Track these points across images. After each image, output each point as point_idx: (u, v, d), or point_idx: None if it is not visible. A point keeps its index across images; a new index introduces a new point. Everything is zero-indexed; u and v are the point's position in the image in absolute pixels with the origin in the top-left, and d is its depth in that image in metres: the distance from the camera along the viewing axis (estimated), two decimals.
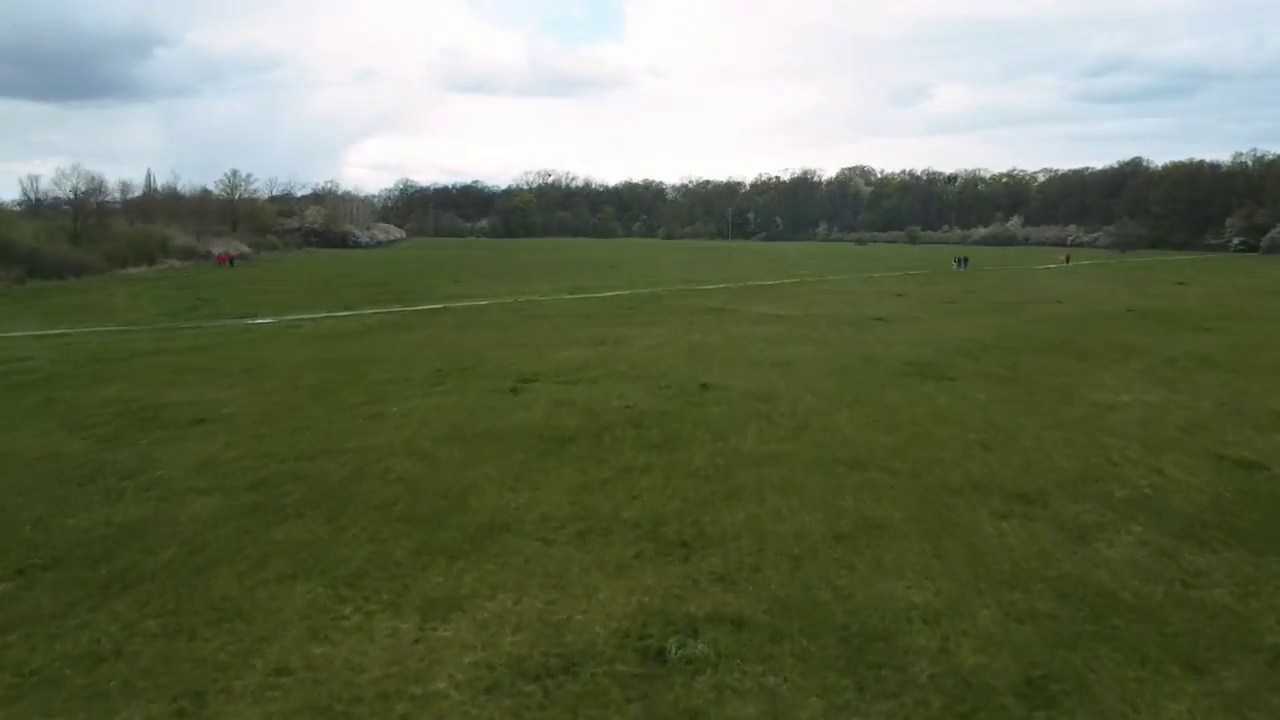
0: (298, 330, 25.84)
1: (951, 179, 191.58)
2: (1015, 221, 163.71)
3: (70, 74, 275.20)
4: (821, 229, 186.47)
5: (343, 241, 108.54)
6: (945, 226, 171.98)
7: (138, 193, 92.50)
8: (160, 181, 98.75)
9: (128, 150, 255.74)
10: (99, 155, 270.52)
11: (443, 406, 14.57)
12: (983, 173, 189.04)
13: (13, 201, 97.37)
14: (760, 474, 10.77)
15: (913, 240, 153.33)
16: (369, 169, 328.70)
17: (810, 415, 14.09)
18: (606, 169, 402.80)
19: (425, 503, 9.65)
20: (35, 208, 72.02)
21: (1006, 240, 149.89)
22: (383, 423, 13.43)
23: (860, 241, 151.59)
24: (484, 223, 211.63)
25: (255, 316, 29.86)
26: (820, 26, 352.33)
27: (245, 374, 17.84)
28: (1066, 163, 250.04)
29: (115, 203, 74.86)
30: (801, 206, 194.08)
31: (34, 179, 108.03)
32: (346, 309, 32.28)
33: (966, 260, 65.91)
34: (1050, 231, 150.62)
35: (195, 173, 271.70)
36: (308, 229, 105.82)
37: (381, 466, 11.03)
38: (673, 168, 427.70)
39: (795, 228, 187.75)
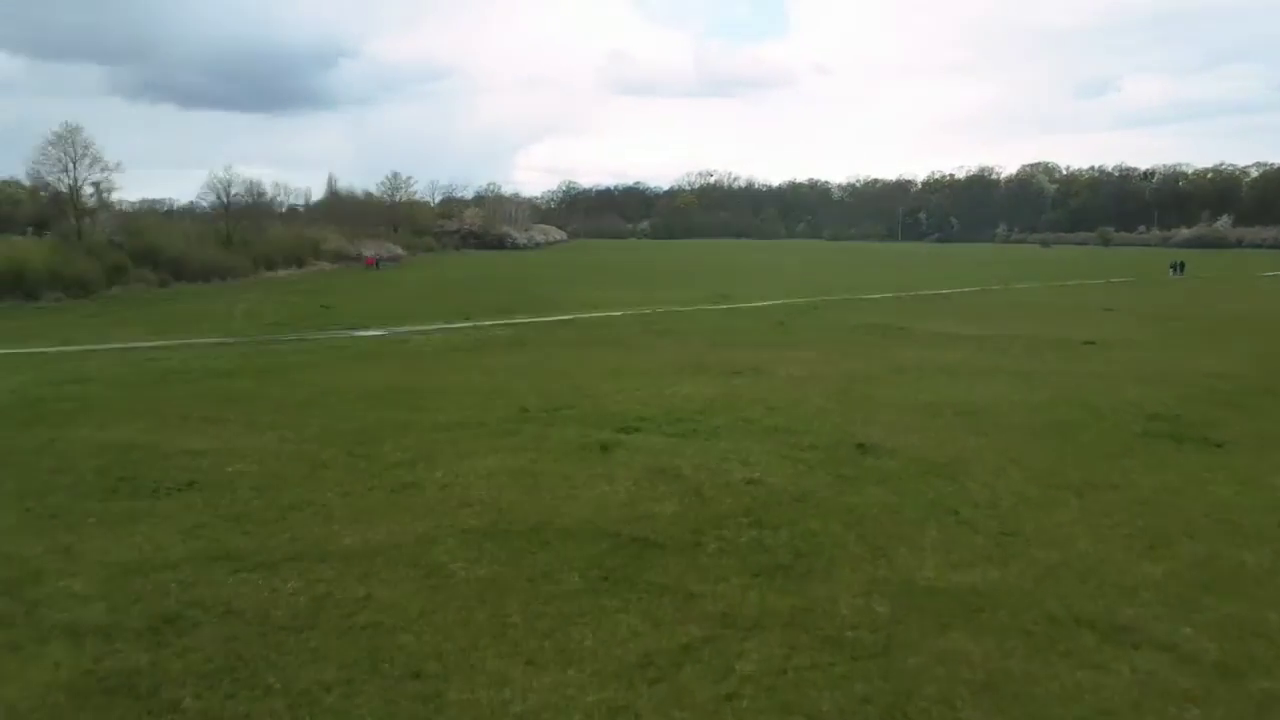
0: (400, 346, 22.98)
1: (1148, 175, 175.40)
2: (1225, 221, 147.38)
3: (268, 86, 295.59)
4: (1000, 230, 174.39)
5: (500, 243, 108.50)
6: (1141, 227, 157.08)
7: (319, 196, 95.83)
8: (339, 185, 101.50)
9: (317, 156, 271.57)
10: (292, 161, 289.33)
11: (502, 473, 10.84)
12: (1184, 168, 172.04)
13: (210, 205, 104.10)
14: (948, 648, 6.41)
15: (1105, 242, 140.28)
16: (538, 172, 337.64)
17: (1020, 509, 9.52)
18: (770, 169, 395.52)
19: (380, 686, 5.86)
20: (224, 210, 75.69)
21: (1215, 242, 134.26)
22: (410, 500, 9.82)
23: (1045, 244, 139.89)
24: (645, 224, 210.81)
25: (367, 328, 27.38)
26: (994, 18, 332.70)
27: (296, 409, 14.76)
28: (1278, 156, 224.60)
29: (293, 207, 76.82)
30: (978, 206, 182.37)
31: (225, 184, 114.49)
32: (466, 319, 29.42)
33: (1183, 265, 57.30)
34: (1268, 233, 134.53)
35: (375, 178, 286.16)
36: (466, 231, 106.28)
37: (361, 593, 7.34)
38: (839, 167, 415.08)
39: (971, 228, 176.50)
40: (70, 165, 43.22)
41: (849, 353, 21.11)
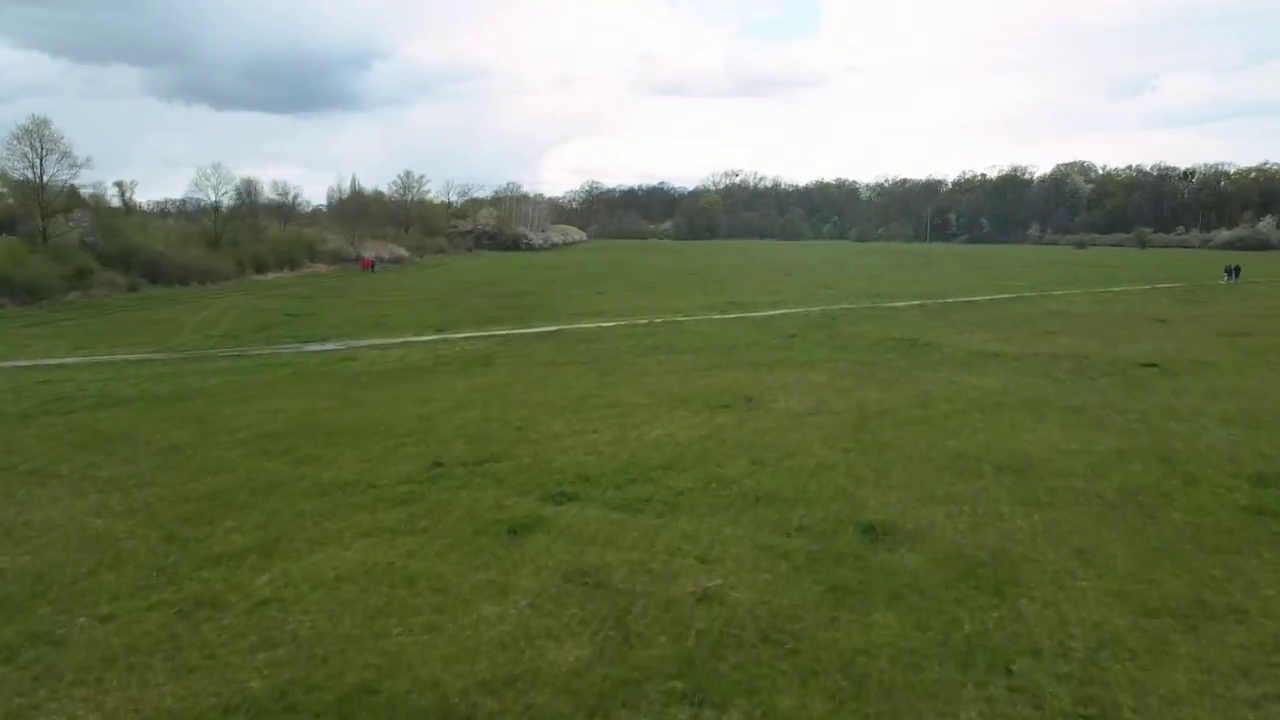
0: (344, 366, 19.93)
1: (1188, 174, 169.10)
2: (1268, 222, 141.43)
3: (302, 88, 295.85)
4: (1033, 231, 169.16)
5: (515, 244, 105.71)
6: (1180, 228, 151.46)
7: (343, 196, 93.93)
8: (361, 185, 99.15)
9: (349, 157, 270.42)
10: (325, 162, 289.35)
11: (353, 578, 7.65)
12: (1226, 167, 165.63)
13: (228, 206, 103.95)
14: None
15: (1142, 244, 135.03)
16: (567, 173, 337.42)
17: (1104, 658, 6.24)
18: (798, 170, 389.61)
19: None
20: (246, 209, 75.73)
21: (1259, 244, 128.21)
22: (194, 633, 6.64)
23: (1080, 245, 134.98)
24: (668, 224, 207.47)
25: (324, 341, 24.42)
26: (1028, 17, 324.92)
27: (157, 457, 11.72)
28: None
29: (317, 207, 74.75)
30: (1010, 206, 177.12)
31: (249, 183, 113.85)
32: (439, 332, 26.39)
33: (1238, 270, 52.98)
34: None
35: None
36: (480, 231, 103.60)
37: None
38: (868, 168, 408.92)
39: (1002, 229, 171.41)
40: (37, 161, 40.60)
41: (865, 376, 17.80)
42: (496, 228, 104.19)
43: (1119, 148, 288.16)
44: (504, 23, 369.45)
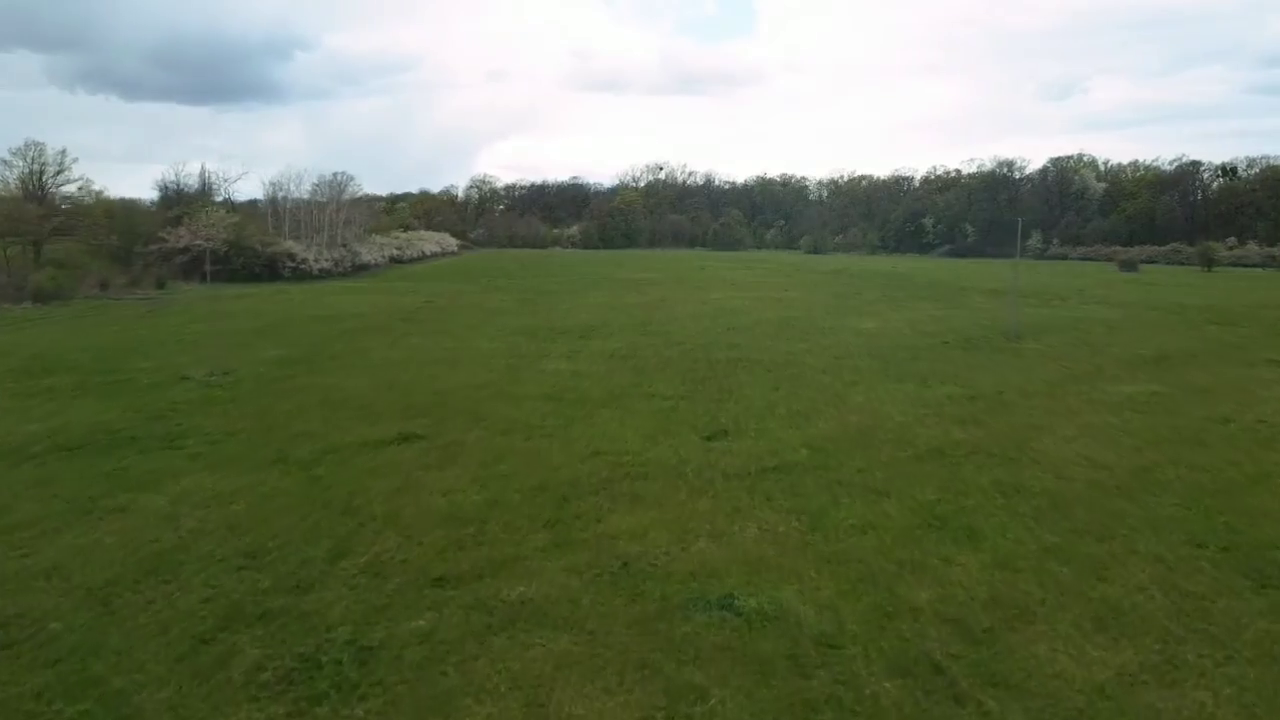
0: None
1: (1226, 170, 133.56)
2: None
3: (216, 78, 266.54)
4: (1034, 241, 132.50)
5: (274, 269, 63.95)
6: (1230, 239, 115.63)
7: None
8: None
9: (270, 152, 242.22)
10: (252, 158, 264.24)
11: None
12: (1275, 160, 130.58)
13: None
14: None
15: (1207, 265, 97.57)
16: (501, 169, 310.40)
17: None
18: (737, 166, 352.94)
19: None
20: None
21: None
22: None
23: (1129, 265, 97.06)
24: (575, 229, 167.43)
25: None
26: (963, 20, 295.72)
27: None
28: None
29: None
30: (1002, 209, 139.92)
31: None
32: None
33: None
34: None
35: (332, 173, 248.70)
36: (201, 249, 61.34)
37: None
38: (816, 165, 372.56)
39: (994, 238, 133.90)
40: None
41: None
42: (232, 244, 62.13)
43: (1043, 151, 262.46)
44: (433, 14, 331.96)
